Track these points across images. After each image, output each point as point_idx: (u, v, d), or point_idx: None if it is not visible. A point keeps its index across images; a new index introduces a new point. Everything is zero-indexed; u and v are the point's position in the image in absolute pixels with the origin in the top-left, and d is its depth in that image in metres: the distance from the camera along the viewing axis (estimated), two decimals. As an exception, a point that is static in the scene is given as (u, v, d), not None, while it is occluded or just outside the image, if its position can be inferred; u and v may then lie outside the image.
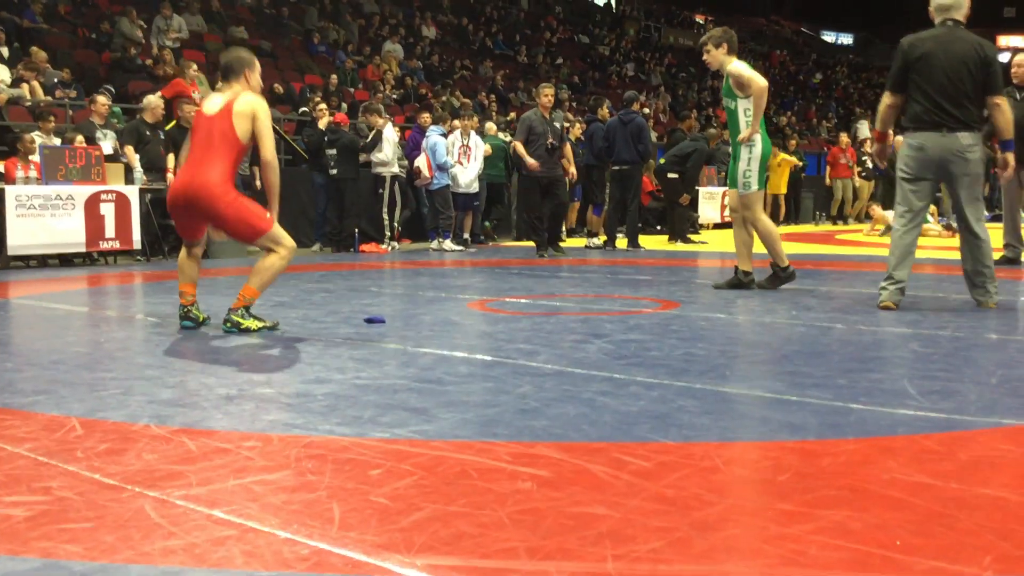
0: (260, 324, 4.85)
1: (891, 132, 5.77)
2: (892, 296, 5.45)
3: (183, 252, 5.12)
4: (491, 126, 13.85)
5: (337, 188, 11.29)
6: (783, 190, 17.78)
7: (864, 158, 18.51)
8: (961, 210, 5.42)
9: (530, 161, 10.21)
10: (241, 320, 4.82)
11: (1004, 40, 44.56)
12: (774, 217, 18.02)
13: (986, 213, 5.72)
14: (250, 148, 4.99)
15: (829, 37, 44.97)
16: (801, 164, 18.23)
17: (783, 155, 17.53)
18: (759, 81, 6.38)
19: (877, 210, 15.09)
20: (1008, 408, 3.03)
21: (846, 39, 45.28)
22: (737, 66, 6.48)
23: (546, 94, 10.41)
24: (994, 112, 5.30)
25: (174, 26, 15.04)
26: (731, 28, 6.99)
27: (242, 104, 4.87)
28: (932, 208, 14.40)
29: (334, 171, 11.23)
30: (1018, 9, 42.28)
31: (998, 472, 2.39)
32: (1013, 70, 8.17)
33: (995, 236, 6.44)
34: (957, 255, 5.77)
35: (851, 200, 18.63)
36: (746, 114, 6.45)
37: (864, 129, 24.26)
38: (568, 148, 11.08)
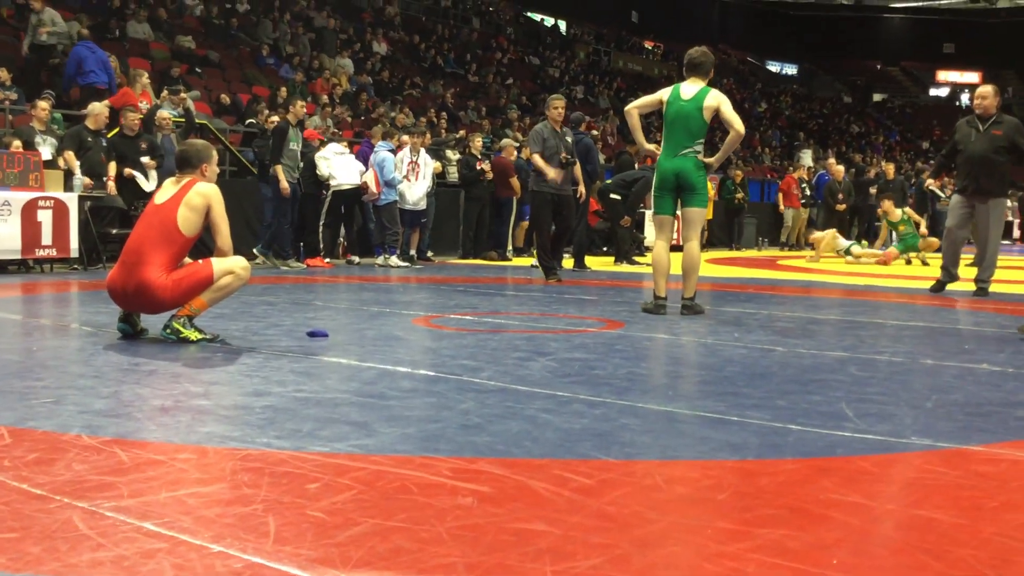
0: (200, 335, 4.76)
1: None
2: None
3: None
4: (508, 142, 13.87)
5: (296, 200, 11.11)
6: (709, 215, 18.00)
7: (803, 185, 18.86)
8: None
9: (550, 172, 9.29)
10: (181, 328, 4.73)
11: (944, 75, 45.86)
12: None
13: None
14: (198, 237, 4.88)
15: (774, 67, 45.82)
16: (738, 197, 18.28)
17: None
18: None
19: (818, 234, 15.33)
20: (943, 432, 3.08)
21: (790, 69, 46.18)
22: None
23: (555, 106, 9.54)
24: None
25: (46, 20, 13.19)
26: (684, 53, 6.75)
27: (194, 195, 4.76)
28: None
29: (296, 176, 11.05)
30: (957, 45, 43.52)
31: (932, 494, 2.43)
32: (976, 102, 8.33)
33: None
34: (894, 282, 5.86)
35: (793, 228, 18.95)
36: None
37: (807, 158, 24.74)
38: (577, 166, 10.03)
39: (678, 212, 6.56)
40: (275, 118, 11.53)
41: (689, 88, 6.44)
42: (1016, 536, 2.10)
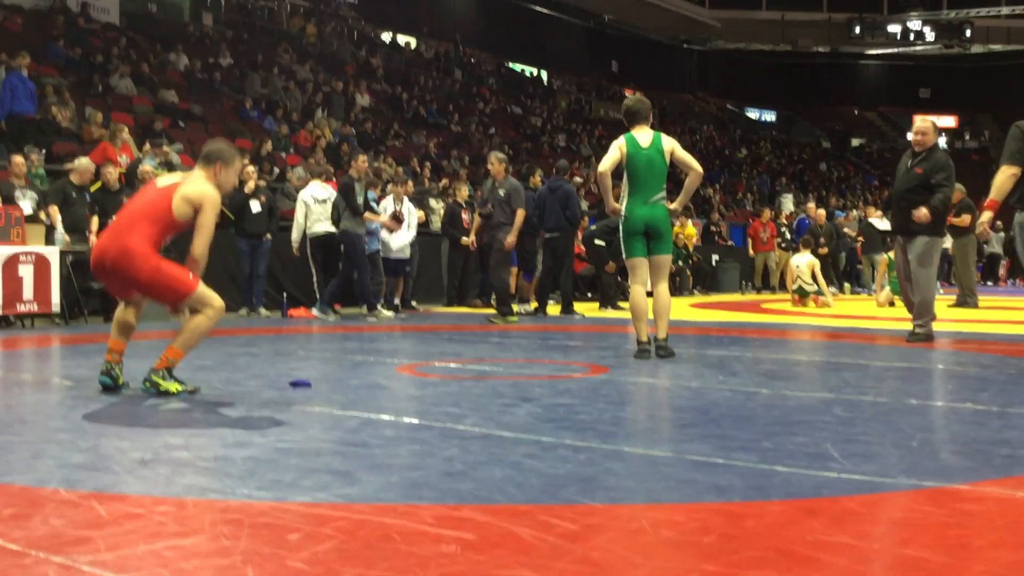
0: (180, 387, 4.71)
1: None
2: None
3: (120, 306, 4.96)
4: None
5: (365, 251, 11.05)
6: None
7: (783, 230, 18.98)
8: None
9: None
10: (161, 381, 4.68)
11: (920, 119, 46.48)
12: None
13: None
14: (186, 226, 4.84)
15: (753, 114, 46.36)
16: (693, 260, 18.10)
17: (678, 229, 17.62)
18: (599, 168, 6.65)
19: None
20: (928, 471, 3.07)
21: (769, 116, 46.72)
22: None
23: (489, 162, 10.72)
24: None
25: None
26: (649, 101, 6.76)
27: (192, 188, 4.75)
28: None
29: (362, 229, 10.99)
30: (933, 90, 44.19)
31: (919, 533, 2.41)
32: (916, 138, 8.14)
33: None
34: (876, 324, 5.88)
35: (775, 271, 19.02)
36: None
37: (788, 203, 24.96)
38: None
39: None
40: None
41: (643, 136, 6.50)
42: (1004, 574, 2.08)
